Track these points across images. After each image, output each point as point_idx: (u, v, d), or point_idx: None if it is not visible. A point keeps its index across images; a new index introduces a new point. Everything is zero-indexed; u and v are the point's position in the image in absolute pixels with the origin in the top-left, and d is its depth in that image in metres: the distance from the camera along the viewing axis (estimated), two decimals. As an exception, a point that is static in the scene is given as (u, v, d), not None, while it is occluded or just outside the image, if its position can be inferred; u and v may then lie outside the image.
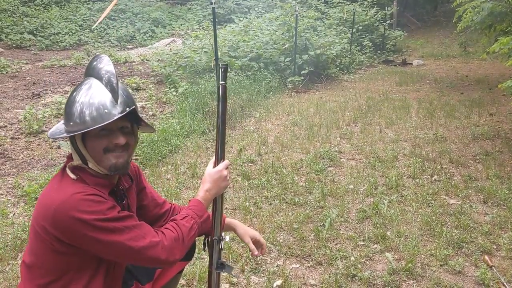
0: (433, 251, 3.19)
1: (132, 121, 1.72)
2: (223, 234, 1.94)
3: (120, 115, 1.61)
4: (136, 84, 9.18)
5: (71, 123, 1.62)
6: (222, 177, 1.88)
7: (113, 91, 1.64)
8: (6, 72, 11.30)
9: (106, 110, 1.60)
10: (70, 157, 1.71)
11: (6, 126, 6.62)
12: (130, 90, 6.94)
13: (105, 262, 1.67)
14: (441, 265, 3.06)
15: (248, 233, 2.12)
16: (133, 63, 12.58)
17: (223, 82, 1.87)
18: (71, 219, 1.50)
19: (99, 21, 16.86)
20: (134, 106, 1.67)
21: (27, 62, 13.18)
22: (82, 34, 17.90)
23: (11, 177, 4.88)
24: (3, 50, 15.07)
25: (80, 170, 1.66)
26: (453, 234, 3.42)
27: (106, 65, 1.69)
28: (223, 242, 1.93)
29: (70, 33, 17.76)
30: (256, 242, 2.12)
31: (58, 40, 17.10)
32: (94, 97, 1.61)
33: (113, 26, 18.89)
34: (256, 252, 2.09)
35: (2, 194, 4.44)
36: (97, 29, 18.29)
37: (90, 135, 1.62)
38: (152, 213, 2.00)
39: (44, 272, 1.61)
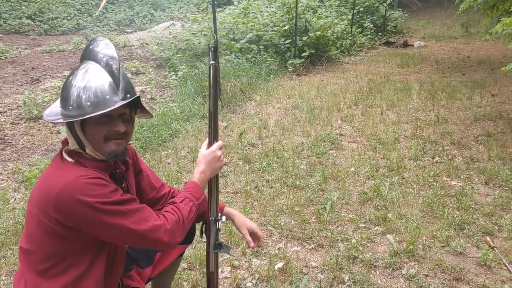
0: (434, 233, 3.18)
1: (130, 107, 1.69)
2: (219, 214, 1.94)
3: (124, 102, 1.59)
4: (136, 68, 9.13)
5: (70, 107, 1.58)
6: (216, 157, 1.87)
7: (114, 77, 1.60)
8: (5, 58, 11.24)
9: (107, 96, 1.57)
10: (65, 142, 1.69)
11: (5, 112, 6.60)
12: (129, 75, 6.94)
13: (106, 246, 1.66)
14: (442, 246, 3.06)
15: (246, 224, 2.11)
16: (132, 47, 12.51)
17: (213, 62, 1.86)
18: (75, 202, 1.48)
19: (101, 6, 16.73)
20: (138, 95, 1.65)
21: (26, 47, 13.11)
22: (80, 19, 17.79)
23: (11, 162, 4.87)
24: (2, 36, 14.98)
25: (76, 155, 1.64)
26: (455, 215, 3.41)
27: (105, 48, 1.65)
28: (220, 223, 1.93)
29: (69, 18, 17.65)
30: (253, 234, 2.12)
31: (57, 25, 17.00)
32: (94, 81, 1.58)
33: (112, 10, 18.76)
34: (252, 244, 2.08)
35: (3, 180, 4.43)
36: (95, 13, 18.15)
37: (90, 121, 1.59)
38: (149, 197, 1.98)
39: (43, 257, 1.59)
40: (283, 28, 9.75)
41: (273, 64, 8.97)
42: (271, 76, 8.56)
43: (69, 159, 1.62)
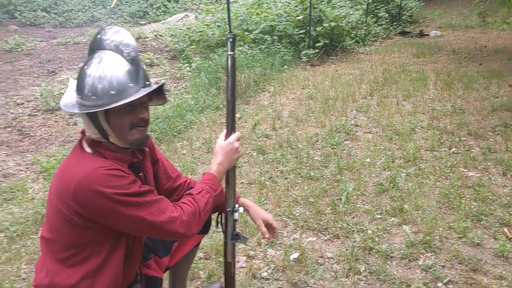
0: (451, 224, 3.16)
1: (148, 95, 1.70)
2: (236, 205, 1.95)
3: (151, 89, 1.61)
4: (150, 60, 9.15)
5: (93, 97, 1.57)
6: (233, 149, 1.87)
7: (135, 64, 1.61)
8: (21, 50, 11.35)
9: (130, 84, 1.58)
10: (84, 132, 1.70)
11: (23, 103, 6.68)
12: (144, 67, 6.98)
13: (124, 236, 1.68)
14: (459, 237, 3.04)
15: (261, 215, 2.10)
16: (147, 39, 12.51)
17: (232, 53, 1.85)
18: (94, 193, 1.50)
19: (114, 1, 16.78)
20: (163, 82, 1.66)
21: (42, 39, 13.20)
22: (95, 11, 17.83)
23: (29, 153, 4.94)
24: (18, 28, 15.11)
25: (97, 145, 1.65)
26: (472, 206, 3.38)
27: (122, 36, 1.63)
28: (237, 214, 1.94)
29: (83, 10, 17.70)
30: (268, 225, 2.11)
31: (72, 17, 17.06)
32: (116, 70, 1.57)
33: (126, 2, 18.76)
34: (267, 235, 2.08)
35: (22, 170, 4.50)
36: (109, 5, 18.19)
37: (115, 110, 1.59)
38: (165, 187, 2.00)
39: (64, 246, 1.62)
40: (297, 18, 9.68)
41: (287, 54, 8.93)
42: (285, 66, 8.52)
43: (89, 150, 1.64)
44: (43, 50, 11.50)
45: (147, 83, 1.65)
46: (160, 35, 12.48)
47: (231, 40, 1.85)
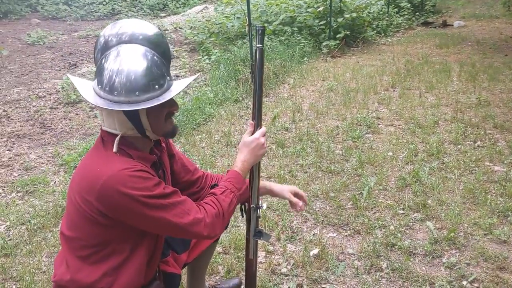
0: (476, 220, 3.07)
1: None
2: (260, 201, 1.91)
3: (190, 81, 1.66)
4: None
5: (137, 92, 1.49)
6: (259, 145, 1.83)
7: (165, 57, 1.58)
8: (43, 43, 11.48)
9: (168, 77, 1.57)
10: (102, 129, 1.65)
11: (45, 96, 6.75)
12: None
13: (147, 234, 1.66)
14: (485, 234, 2.94)
15: (286, 189, 2.05)
16: (166, 31, 12.54)
17: (260, 45, 1.80)
18: (119, 194, 1.48)
19: None
20: (198, 74, 1.65)
21: (63, 32, 13.33)
22: (115, 3, 17.92)
23: (51, 146, 4.99)
24: (40, 21, 15.30)
25: (122, 143, 1.60)
26: (498, 202, 3.28)
27: (146, 28, 1.57)
28: (260, 210, 1.90)
29: (104, 3, 17.82)
30: (296, 195, 2.05)
31: (92, 10, 17.20)
32: (153, 65, 1.51)
33: (146, -6, 18.82)
34: (300, 204, 2.01)
35: (43, 163, 4.54)
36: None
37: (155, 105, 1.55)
38: (184, 179, 1.97)
39: (85, 244, 1.60)
40: (318, 10, 9.56)
41: (307, 46, 8.82)
42: (305, 58, 8.42)
43: (115, 149, 1.57)
44: (64, 43, 11.60)
45: (171, 75, 1.62)
46: (180, 28, 12.49)
47: (260, 32, 1.80)
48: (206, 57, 8.42)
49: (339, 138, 4.77)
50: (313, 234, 3.04)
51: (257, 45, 1.80)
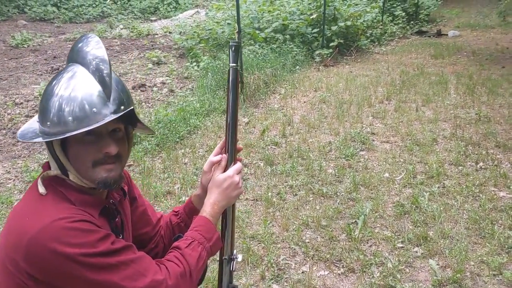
0: (484, 258, 2.76)
1: (126, 122, 1.33)
2: (234, 252, 1.57)
3: (113, 117, 1.23)
4: (157, 58, 8.82)
5: (48, 123, 1.23)
6: (233, 184, 1.48)
7: (104, 84, 1.24)
8: (28, 46, 11.11)
9: (94, 109, 1.21)
10: (46, 166, 1.33)
11: (22, 103, 6.38)
12: (150, 65, 6.53)
13: None
14: (494, 274, 2.64)
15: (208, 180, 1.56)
16: (156, 36, 12.20)
17: (234, 65, 1.47)
18: (51, 253, 1.14)
19: None
20: (132, 106, 1.28)
21: (50, 35, 12.95)
22: (105, 6, 17.56)
23: (21, 159, 4.62)
24: (26, 23, 14.91)
25: (59, 183, 1.28)
26: (506, 235, 2.98)
27: (95, 48, 1.28)
28: (234, 262, 1.56)
29: (94, 5, 17.46)
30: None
31: (82, 12, 16.84)
32: (78, 90, 1.22)
33: (137, -3, 18.47)
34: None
35: (10, 179, 4.18)
36: (120, 1, 17.92)
37: (72, 140, 1.24)
38: (141, 232, 1.62)
39: None
40: (311, 17, 9.27)
41: (300, 54, 8.52)
42: (297, 67, 8.12)
43: (42, 190, 1.26)
44: (50, 46, 11.23)
45: (122, 107, 1.27)
46: (170, 32, 12.16)
47: (233, 48, 1.47)
48: (195, 63, 8.09)
49: (331, 156, 4.45)
50: (302, 272, 2.71)
51: (231, 65, 1.47)
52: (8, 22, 15.27)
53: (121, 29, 13.46)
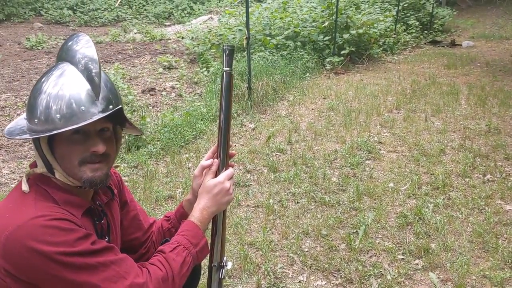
0: (486, 272, 2.69)
1: (114, 122, 1.32)
2: (224, 259, 1.53)
3: (101, 116, 1.22)
4: (168, 62, 8.85)
5: (35, 120, 1.23)
6: (223, 190, 1.45)
7: (93, 83, 1.23)
8: (42, 48, 11.25)
9: (82, 108, 1.21)
10: (34, 165, 1.33)
11: (31, 105, 6.43)
12: (161, 69, 6.55)
13: None
14: (496, 290, 2.57)
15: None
16: (168, 41, 12.28)
17: (228, 69, 1.46)
18: (28, 251, 1.13)
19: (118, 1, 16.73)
20: (120, 106, 1.26)
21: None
22: (120, 10, 17.74)
23: (27, 160, 4.65)
24: (42, 26, 15.11)
25: (44, 182, 1.27)
26: (510, 249, 2.90)
27: (84, 47, 1.28)
28: (223, 270, 1.53)
29: (109, 9, 17.65)
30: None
31: (97, 16, 17.03)
32: (67, 88, 1.22)
33: (152, 2, 18.63)
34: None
35: (14, 180, 4.20)
36: (135, 5, 18.09)
37: (60, 138, 1.24)
38: (131, 237, 1.60)
39: None
40: (323, 25, 9.24)
41: (310, 61, 8.48)
42: (307, 74, 8.08)
43: (25, 188, 1.26)
44: (63, 49, 11.34)
45: (110, 107, 1.25)
46: (182, 37, 12.22)
47: (227, 52, 1.46)
48: (205, 69, 8.10)
49: (336, 164, 4.40)
50: (299, 282, 2.66)
51: (224, 69, 1.46)
52: (24, 24, 15.49)
53: (135, 33, 13.59)
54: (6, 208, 1.24)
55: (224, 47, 1.47)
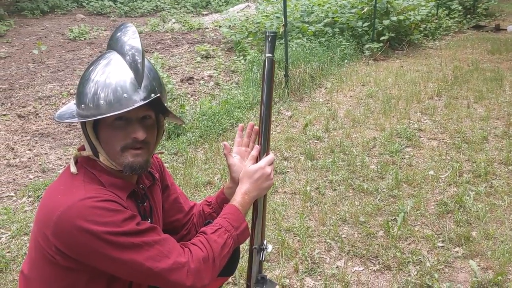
0: (529, 261, 2.63)
1: (157, 110, 1.39)
2: (265, 242, 1.57)
3: (141, 103, 1.28)
4: (206, 51, 8.94)
5: (82, 105, 1.31)
6: (264, 175, 1.50)
7: (137, 71, 1.30)
8: (84, 39, 11.55)
9: (125, 95, 1.28)
10: (81, 149, 1.41)
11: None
12: (199, 58, 6.65)
13: (118, 280, 1.36)
14: (540, 279, 2.51)
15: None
16: (206, 30, 12.37)
17: (270, 55, 1.49)
18: (77, 229, 1.20)
19: None
20: (159, 94, 1.32)
21: (106, 28, 13.39)
22: (159, 0, 17.96)
23: (72, 147, 4.82)
24: (84, 17, 15.50)
25: (91, 165, 1.35)
26: (556, 239, 2.82)
27: (131, 38, 1.35)
28: (264, 252, 1.57)
29: (148, 0, 17.90)
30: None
31: (137, 7, 17.31)
32: (112, 76, 1.29)
33: (190, -9, 18.76)
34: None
35: (61, 166, 4.37)
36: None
37: (104, 123, 1.32)
38: (172, 219, 1.66)
39: (43, 287, 1.33)
40: (362, 11, 9.09)
41: (348, 48, 8.37)
42: (345, 61, 7.99)
43: (73, 169, 1.34)
44: (105, 39, 11.61)
45: (152, 95, 1.31)
46: (219, 26, 12.28)
47: (269, 39, 1.49)
48: (242, 57, 8.13)
49: (375, 152, 4.37)
50: (336, 267, 2.68)
51: (266, 55, 1.48)
52: (67, 16, 15.92)
53: (173, 23, 13.73)
54: (58, 190, 1.32)
55: (267, 33, 1.49)
